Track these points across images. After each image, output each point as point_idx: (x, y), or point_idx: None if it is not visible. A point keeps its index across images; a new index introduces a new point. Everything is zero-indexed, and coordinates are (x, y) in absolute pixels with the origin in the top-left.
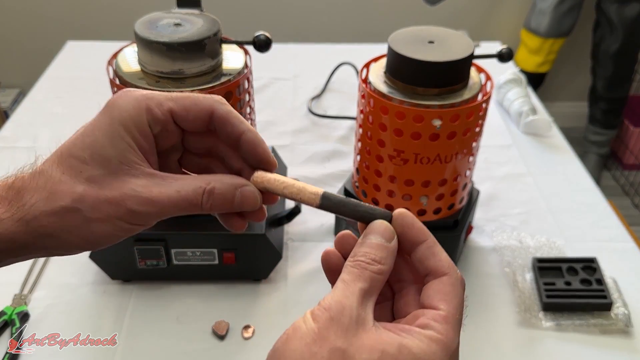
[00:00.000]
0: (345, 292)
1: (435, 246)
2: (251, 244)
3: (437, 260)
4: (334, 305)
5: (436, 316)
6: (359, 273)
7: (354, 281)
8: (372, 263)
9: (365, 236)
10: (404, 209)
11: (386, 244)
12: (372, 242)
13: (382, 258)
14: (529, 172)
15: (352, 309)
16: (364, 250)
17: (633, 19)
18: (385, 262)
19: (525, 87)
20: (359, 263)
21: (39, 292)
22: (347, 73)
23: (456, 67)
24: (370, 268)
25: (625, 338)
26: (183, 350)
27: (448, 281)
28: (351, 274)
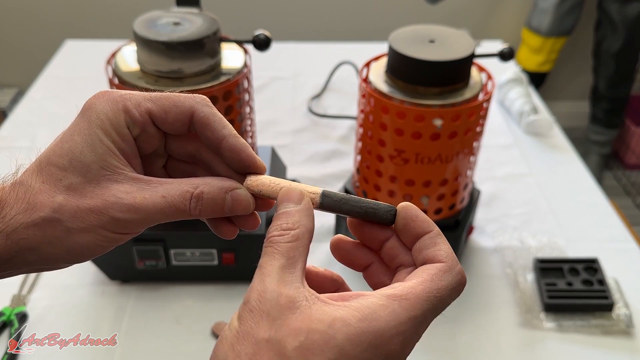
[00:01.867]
0: (262, 277)
1: (438, 236)
2: (251, 245)
3: (436, 248)
4: (252, 295)
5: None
6: (272, 250)
7: (268, 262)
8: (284, 233)
9: (276, 209)
10: (409, 202)
11: (295, 207)
12: (280, 213)
13: (294, 222)
14: (531, 172)
15: (272, 292)
16: (274, 224)
17: (635, 18)
18: (300, 224)
19: (527, 87)
20: (271, 239)
21: (38, 293)
22: (347, 72)
23: (457, 66)
24: (284, 239)
25: (626, 339)
26: (182, 351)
27: (440, 266)
28: (265, 256)
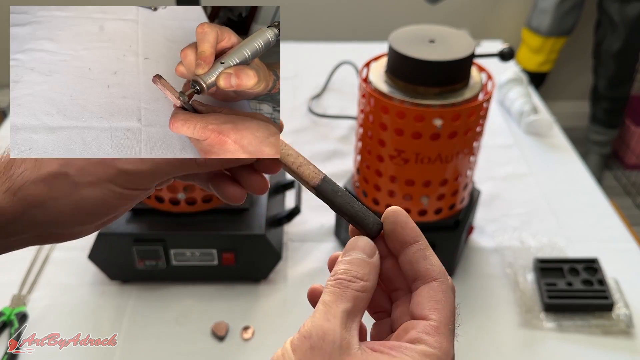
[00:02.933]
0: (327, 315)
1: (427, 249)
2: (251, 245)
3: (427, 263)
4: (315, 331)
5: (428, 328)
6: (341, 292)
7: (335, 302)
8: (354, 280)
9: (346, 253)
10: (398, 207)
11: (368, 259)
12: (352, 259)
13: (364, 274)
14: (531, 172)
15: (335, 333)
16: (345, 267)
17: (635, 18)
18: (369, 279)
19: (527, 87)
20: (340, 281)
21: (38, 293)
22: (347, 72)
23: (457, 66)
24: (353, 286)
25: (626, 339)
26: (182, 351)
27: (439, 287)
28: (332, 294)
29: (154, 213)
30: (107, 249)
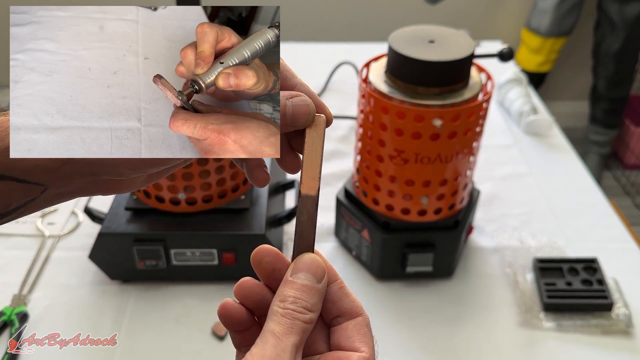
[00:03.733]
0: (277, 349)
1: (345, 287)
2: (251, 245)
3: (350, 300)
4: None
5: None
6: (291, 324)
7: (285, 335)
8: (304, 312)
9: (295, 273)
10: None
11: (317, 285)
12: (302, 284)
13: (313, 305)
14: (530, 172)
15: None
16: (294, 294)
17: (634, 19)
18: (316, 309)
19: (526, 87)
20: (290, 312)
21: (38, 293)
22: (347, 72)
23: (457, 66)
24: (302, 317)
25: (626, 339)
26: (182, 350)
27: (363, 322)
28: (282, 325)
29: (155, 213)
30: (108, 248)
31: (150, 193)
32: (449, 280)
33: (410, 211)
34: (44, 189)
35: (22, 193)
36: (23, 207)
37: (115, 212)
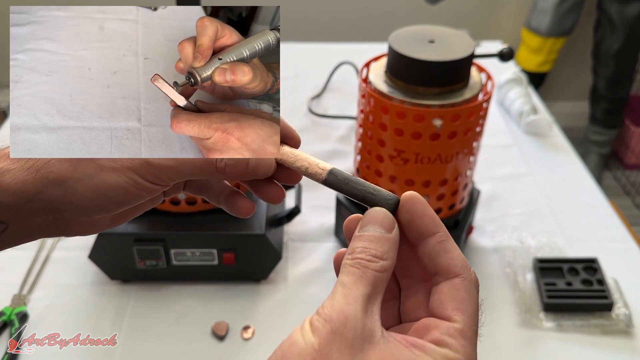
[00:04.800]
0: (348, 298)
1: (447, 241)
2: (251, 244)
3: (449, 258)
4: (336, 315)
5: (451, 330)
6: (361, 274)
7: (355, 284)
8: (374, 260)
9: (362, 227)
10: (414, 192)
11: (386, 234)
12: (370, 235)
13: (383, 252)
14: (530, 172)
15: (357, 319)
16: (363, 245)
17: (634, 19)
18: (388, 257)
19: (526, 87)
20: (359, 261)
21: (38, 293)
22: (347, 72)
23: (457, 66)
24: (372, 266)
25: (626, 338)
26: (182, 350)
27: (462, 285)
28: (352, 275)
29: (155, 213)
30: (108, 248)
31: None
32: None
33: None
34: (4, 227)
35: None
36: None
37: None
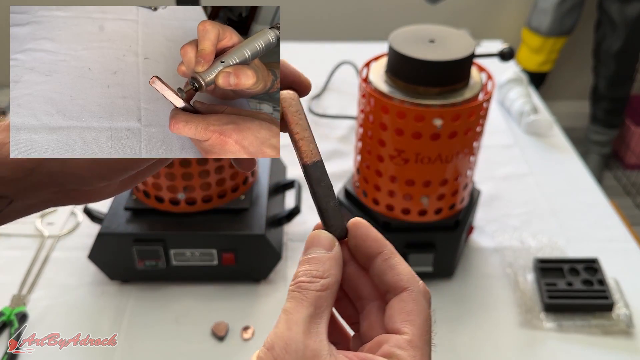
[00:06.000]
0: (288, 323)
1: (392, 257)
2: (251, 245)
3: (395, 273)
4: (277, 342)
5: (400, 342)
6: (301, 297)
7: (295, 308)
8: (314, 280)
9: (305, 251)
10: (357, 218)
11: (326, 253)
12: (311, 257)
13: (324, 271)
14: (531, 172)
15: (298, 342)
16: (304, 268)
17: (635, 18)
18: (329, 274)
19: (527, 87)
20: (299, 285)
21: (38, 293)
22: (347, 72)
23: (457, 66)
24: (312, 287)
25: (627, 339)
26: (182, 351)
27: (409, 297)
28: (292, 300)
29: (154, 213)
30: (107, 249)
31: (150, 193)
32: (450, 280)
33: (411, 211)
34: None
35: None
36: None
37: (114, 212)
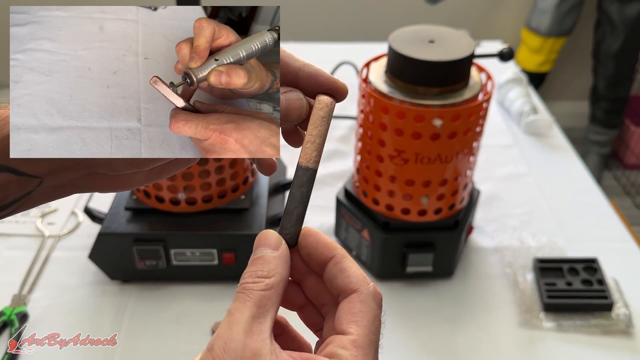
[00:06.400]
0: (229, 324)
1: (343, 261)
2: (251, 244)
3: (345, 276)
4: (217, 342)
5: (344, 342)
6: (244, 297)
7: (238, 309)
8: (258, 280)
9: (253, 252)
10: (307, 227)
11: (272, 253)
12: (256, 258)
13: (269, 271)
14: (530, 172)
15: (237, 341)
16: (250, 269)
17: (634, 19)
18: (275, 273)
19: (526, 87)
20: (244, 286)
21: (38, 293)
22: (347, 72)
23: (457, 66)
24: (256, 287)
25: (626, 339)
26: (182, 351)
27: (357, 299)
28: (236, 301)
29: (155, 213)
30: (108, 248)
31: (150, 193)
32: (449, 280)
33: (410, 211)
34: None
35: (19, 186)
36: (20, 201)
37: (115, 212)
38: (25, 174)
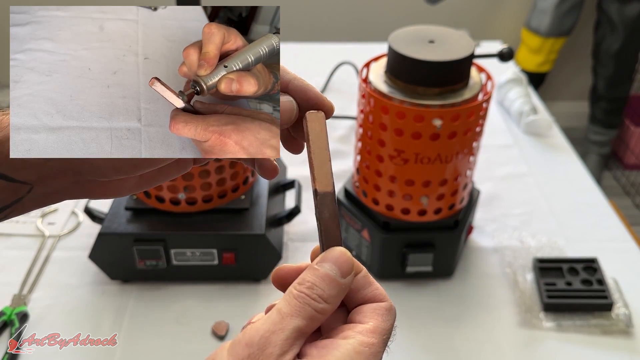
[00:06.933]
0: (278, 325)
1: (368, 275)
2: (251, 244)
3: (374, 288)
4: (258, 340)
5: (362, 329)
6: (300, 307)
7: (291, 316)
8: (318, 300)
9: (321, 262)
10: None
11: (340, 279)
12: (324, 273)
13: (329, 296)
14: (530, 172)
15: (276, 347)
16: (312, 280)
17: (634, 19)
18: (332, 301)
19: (526, 87)
20: (303, 296)
21: (38, 293)
22: (347, 72)
23: (457, 66)
24: (314, 305)
25: (626, 338)
26: (182, 350)
27: (385, 306)
28: (290, 306)
29: (155, 213)
30: (108, 248)
31: (151, 193)
32: (449, 280)
33: (410, 211)
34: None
35: (9, 192)
36: (10, 208)
37: (115, 212)
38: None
